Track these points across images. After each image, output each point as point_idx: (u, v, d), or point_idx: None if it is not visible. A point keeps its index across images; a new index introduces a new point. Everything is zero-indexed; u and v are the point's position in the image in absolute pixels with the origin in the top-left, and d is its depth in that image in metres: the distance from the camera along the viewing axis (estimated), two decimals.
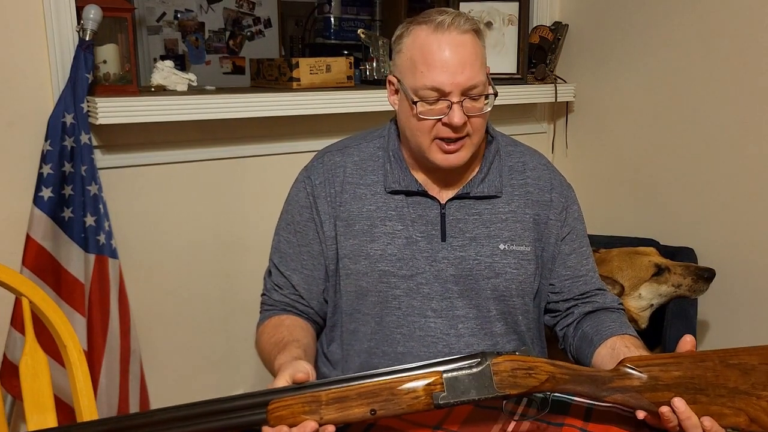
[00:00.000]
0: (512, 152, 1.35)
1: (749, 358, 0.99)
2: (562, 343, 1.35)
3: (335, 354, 1.37)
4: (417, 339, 1.27)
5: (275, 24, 4.30)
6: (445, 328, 1.27)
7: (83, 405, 1.24)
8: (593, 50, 2.45)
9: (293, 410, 0.92)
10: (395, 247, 1.27)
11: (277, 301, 1.35)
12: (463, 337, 1.27)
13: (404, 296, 1.27)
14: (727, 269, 2.06)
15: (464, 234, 1.28)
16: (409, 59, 1.19)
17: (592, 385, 0.99)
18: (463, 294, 1.27)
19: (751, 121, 2.04)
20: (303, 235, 1.33)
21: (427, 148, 1.23)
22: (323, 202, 1.31)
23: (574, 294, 1.33)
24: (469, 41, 1.19)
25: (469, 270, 1.27)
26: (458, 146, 1.22)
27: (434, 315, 1.27)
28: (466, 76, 1.17)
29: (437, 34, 1.17)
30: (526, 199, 1.31)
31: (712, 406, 0.98)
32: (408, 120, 1.23)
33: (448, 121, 1.18)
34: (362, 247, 1.28)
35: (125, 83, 1.80)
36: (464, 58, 1.17)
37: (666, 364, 0.99)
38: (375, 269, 1.27)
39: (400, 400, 0.93)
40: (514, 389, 0.96)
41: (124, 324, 1.78)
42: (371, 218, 1.29)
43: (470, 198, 1.29)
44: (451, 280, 1.27)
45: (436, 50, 1.16)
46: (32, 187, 1.64)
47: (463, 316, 1.27)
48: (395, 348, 1.28)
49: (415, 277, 1.27)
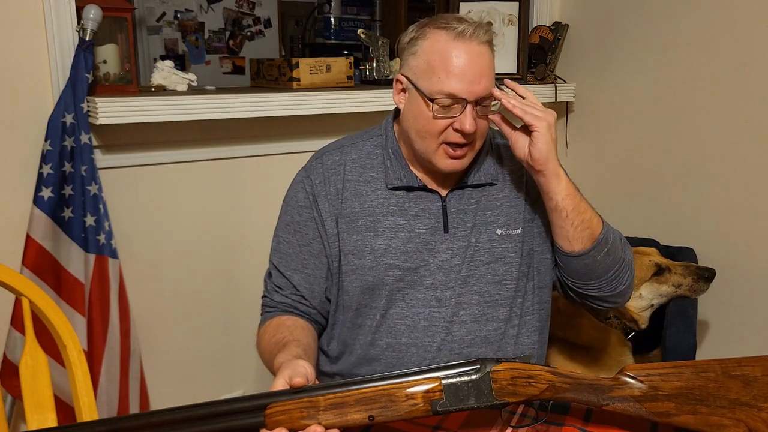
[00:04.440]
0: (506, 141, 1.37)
1: (752, 369, 0.98)
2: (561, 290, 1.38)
3: (335, 351, 1.37)
4: (421, 329, 1.29)
5: (275, 24, 4.30)
6: (449, 316, 1.29)
7: (83, 405, 1.24)
8: (593, 50, 2.45)
9: (291, 415, 0.92)
10: (399, 241, 1.29)
11: (278, 303, 1.35)
12: (465, 324, 1.30)
13: (408, 288, 1.29)
14: (727, 269, 2.06)
15: (465, 223, 1.31)
16: (426, 63, 1.21)
17: (592, 394, 0.99)
18: (466, 281, 1.30)
19: (751, 121, 2.04)
20: (303, 234, 1.34)
21: (434, 151, 1.24)
22: (324, 201, 1.32)
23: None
24: (486, 52, 1.22)
25: (471, 257, 1.29)
26: (464, 152, 1.24)
27: (438, 304, 1.29)
28: (482, 87, 1.20)
29: (458, 42, 1.19)
30: (520, 182, 1.35)
31: (712, 417, 0.97)
32: (416, 120, 1.24)
33: (459, 126, 1.20)
34: (366, 243, 1.30)
35: (125, 83, 1.80)
36: (483, 69, 1.20)
37: (667, 373, 0.99)
38: (380, 263, 1.29)
39: (398, 406, 0.93)
40: (513, 397, 0.96)
41: (124, 324, 1.78)
42: (374, 214, 1.30)
43: (468, 187, 1.32)
44: (454, 269, 1.29)
45: (456, 58, 1.18)
46: (32, 187, 1.64)
47: (465, 303, 1.30)
48: (399, 339, 1.30)
49: (419, 269, 1.29)
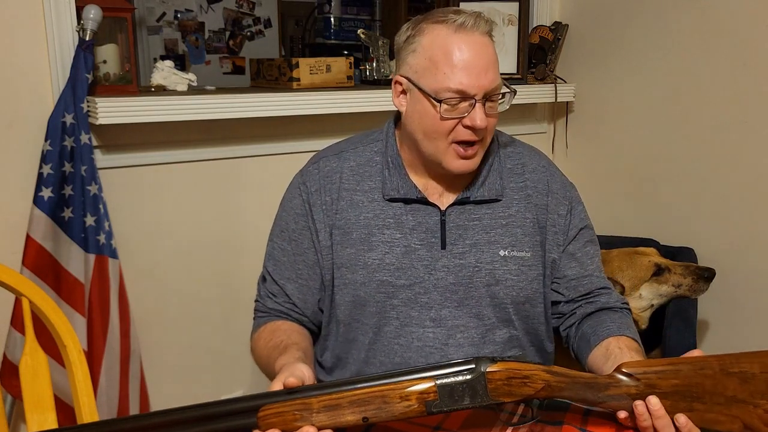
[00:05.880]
0: (511, 153, 1.32)
1: (750, 366, 0.98)
2: (566, 343, 1.34)
3: (329, 362, 1.35)
4: (415, 350, 1.25)
5: (275, 24, 4.30)
6: (444, 338, 1.24)
7: (83, 405, 1.24)
8: (593, 50, 2.45)
9: (284, 417, 0.91)
10: (393, 256, 1.24)
11: (271, 309, 1.32)
12: (462, 347, 1.25)
13: (402, 306, 1.25)
14: (727, 269, 2.06)
15: (464, 240, 1.25)
16: (429, 59, 1.15)
17: (589, 392, 0.98)
18: (463, 303, 1.24)
19: (752, 121, 2.04)
20: (298, 243, 1.30)
21: (444, 152, 1.19)
22: (319, 211, 1.28)
23: (579, 293, 1.31)
24: (489, 43, 1.17)
25: (469, 278, 1.24)
26: (474, 151, 1.19)
27: (433, 325, 1.24)
28: (489, 79, 1.15)
29: (459, 35, 1.14)
30: (527, 203, 1.28)
31: (708, 413, 0.97)
32: (422, 122, 1.19)
33: (470, 122, 1.15)
34: (359, 257, 1.25)
35: (125, 83, 1.80)
36: (488, 61, 1.15)
37: (664, 371, 0.98)
38: (373, 279, 1.24)
39: (392, 408, 0.92)
40: (509, 397, 0.95)
41: (124, 324, 1.77)
42: (369, 226, 1.25)
43: (470, 203, 1.26)
44: (450, 288, 1.24)
45: (459, 51, 1.13)
46: (32, 187, 1.64)
47: (462, 326, 1.25)
48: (392, 359, 1.26)
49: (413, 286, 1.24)
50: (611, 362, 1.13)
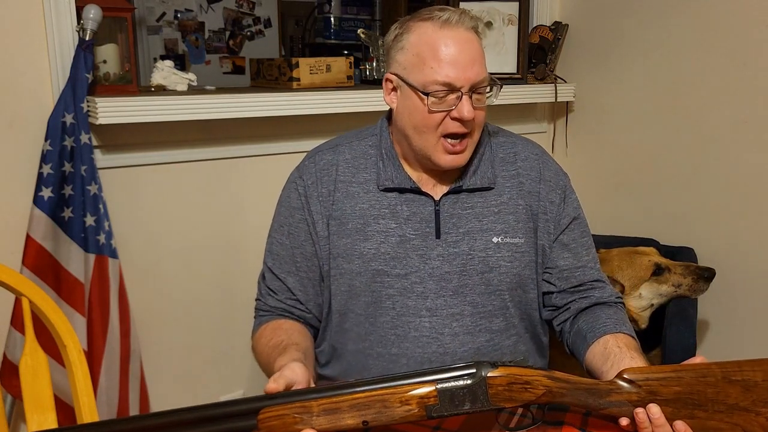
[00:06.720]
0: (504, 143, 1.35)
1: (753, 373, 0.97)
2: (560, 338, 1.34)
3: (326, 354, 1.35)
4: (411, 340, 1.26)
5: (275, 24, 4.30)
6: (440, 327, 1.25)
7: (83, 405, 1.24)
8: (593, 50, 2.45)
9: (284, 420, 0.91)
10: (388, 246, 1.26)
11: (273, 307, 1.33)
12: (458, 336, 1.26)
13: (398, 296, 1.26)
14: (727, 269, 2.06)
15: (458, 229, 1.26)
16: (416, 55, 1.19)
17: (590, 398, 0.98)
18: (458, 291, 1.26)
19: (751, 121, 2.04)
20: (295, 236, 1.32)
21: (433, 147, 1.21)
22: (315, 202, 1.30)
23: (571, 284, 1.31)
24: (473, 38, 1.21)
25: (463, 266, 1.25)
26: (463, 146, 1.22)
27: (429, 314, 1.25)
28: (475, 72, 1.18)
29: (445, 31, 1.18)
30: (519, 190, 1.30)
31: (709, 421, 0.96)
32: (411, 116, 1.22)
33: (458, 114, 1.18)
34: (355, 246, 1.27)
35: (125, 83, 1.80)
36: (473, 54, 1.19)
37: (666, 378, 0.97)
38: (368, 269, 1.26)
39: (392, 412, 0.92)
40: (509, 403, 0.95)
41: (124, 324, 1.77)
42: (364, 216, 1.27)
43: (463, 191, 1.28)
44: (445, 277, 1.25)
45: (445, 46, 1.17)
46: (32, 187, 1.64)
47: (458, 314, 1.26)
48: (389, 349, 1.27)
49: (408, 276, 1.25)
50: (611, 362, 1.13)
